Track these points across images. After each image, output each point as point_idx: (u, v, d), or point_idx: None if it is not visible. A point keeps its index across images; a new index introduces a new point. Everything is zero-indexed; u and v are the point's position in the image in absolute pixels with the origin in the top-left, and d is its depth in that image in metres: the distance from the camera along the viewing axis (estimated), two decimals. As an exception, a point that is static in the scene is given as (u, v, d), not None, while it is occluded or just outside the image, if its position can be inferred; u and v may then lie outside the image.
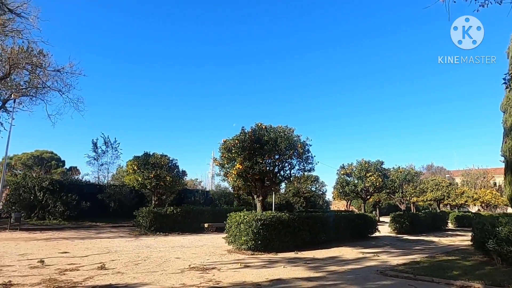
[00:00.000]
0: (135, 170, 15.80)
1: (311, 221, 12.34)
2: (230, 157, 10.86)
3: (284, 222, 11.19)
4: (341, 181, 16.52)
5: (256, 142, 10.64)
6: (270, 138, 10.56)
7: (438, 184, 23.99)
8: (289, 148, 10.56)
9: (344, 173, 16.91)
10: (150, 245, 11.85)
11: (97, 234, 15.16)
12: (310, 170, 11.39)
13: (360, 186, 15.96)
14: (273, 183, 11.38)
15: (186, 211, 17.31)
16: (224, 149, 11.07)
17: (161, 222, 16.20)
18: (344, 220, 14.27)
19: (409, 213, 19.97)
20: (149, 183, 15.64)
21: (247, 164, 10.29)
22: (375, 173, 15.90)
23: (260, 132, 10.81)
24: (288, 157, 10.56)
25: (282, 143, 10.40)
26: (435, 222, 22.57)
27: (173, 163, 16.89)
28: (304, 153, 11.04)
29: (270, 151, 10.33)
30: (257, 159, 10.40)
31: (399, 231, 18.97)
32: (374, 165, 16.35)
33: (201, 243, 12.95)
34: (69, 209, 19.40)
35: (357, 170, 16.23)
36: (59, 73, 16.24)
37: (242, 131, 10.78)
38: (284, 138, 10.46)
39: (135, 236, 14.78)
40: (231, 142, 10.90)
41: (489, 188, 44.50)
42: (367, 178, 15.90)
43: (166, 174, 15.74)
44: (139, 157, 16.36)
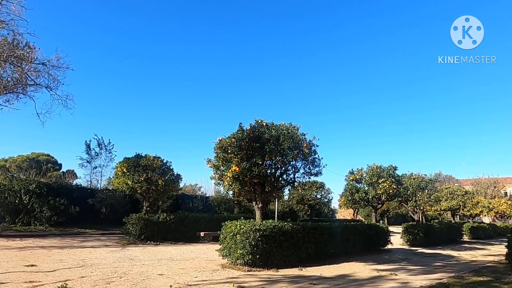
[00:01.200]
0: (124, 173, 14.48)
1: (317, 232, 10.93)
2: (226, 158, 9.50)
3: (287, 233, 9.80)
4: (350, 188, 15.04)
5: (255, 140, 9.28)
6: (272, 136, 9.20)
7: (453, 192, 22.41)
8: (293, 148, 9.19)
9: (353, 179, 15.45)
10: (135, 257, 10.47)
11: (81, 243, 13.80)
12: (317, 174, 9.99)
13: (371, 194, 14.48)
14: (274, 188, 9.98)
15: (180, 219, 15.93)
16: (219, 148, 9.72)
17: (152, 230, 14.83)
18: (354, 231, 12.81)
19: (423, 224, 18.43)
20: (139, 187, 14.29)
21: (245, 165, 8.92)
22: (388, 179, 14.43)
23: (260, 129, 9.46)
24: (291, 158, 9.16)
25: (285, 142, 9.03)
26: (450, 233, 20.99)
27: (166, 166, 15.55)
28: (310, 154, 9.65)
29: (271, 151, 8.96)
30: (256, 160, 9.04)
31: (413, 243, 17.44)
32: (386, 170, 14.89)
33: (193, 254, 11.54)
34: (56, 214, 18.07)
35: (368, 176, 14.76)
36: (45, 67, 15.04)
37: (240, 128, 9.44)
38: (288, 137, 9.09)
39: (122, 245, 13.40)
40: (227, 141, 9.56)
41: (502, 198, 42.61)
42: (379, 185, 14.43)
43: (158, 178, 14.38)
44: (129, 158, 15.05)
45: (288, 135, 9.16)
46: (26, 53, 15.69)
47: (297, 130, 9.53)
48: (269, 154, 8.91)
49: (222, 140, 9.83)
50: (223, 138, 9.84)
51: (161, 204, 22.70)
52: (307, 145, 9.35)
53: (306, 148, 9.33)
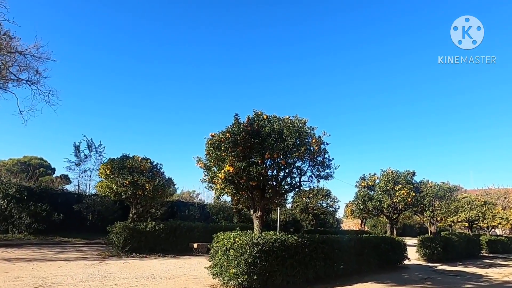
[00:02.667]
0: (108, 176, 12.89)
1: (326, 246, 9.24)
2: (219, 157, 7.91)
3: (291, 247, 8.13)
4: (362, 195, 13.33)
5: (253, 135, 7.70)
6: (273, 130, 7.62)
7: (471, 202, 20.62)
8: (299, 144, 7.58)
9: (365, 185, 13.77)
10: (110, 273, 8.81)
11: (56, 254, 12.17)
12: (328, 177, 8.34)
13: (387, 202, 12.78)
14: (276, 194, 8.35)
15: (171, 228, 14.27)
16: (211, 145, 8.13)
17: (138, 240, 13.17)
18: (368, 245, 11.11)
19: (441, 237, 16.66)
20: (124, 192, 12.67)
21: (240, 165, 7.32)
22: (406, 185, 12.76)
23: (259, 122, 7.87)
24: (297, 157, 7.52)
25: (290, 137, 7.43)
26: (469, 247, 19.15)
27: (156, 169, 13.95)
28: (319, 153, 8.03)
29: (272, 147, 7.36)
30: (255, 158, 7.44)
31: (430, 258, 15.65)
32: (403, 176, 13.22)
33: (181, 271, 9.86)
34: (37, 221, 16.48)
35: (383, 182, 13.07)
36: (25, 58, 13.63)
37: (235, 120, 7.86)
38: (293, 131, 7.49)
39: (102, 258, 11.74)
40: (220, 136, 7.98)
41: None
42: (395, 192, 12.75)
43: (145, 181, 12.76)
44: (114, 159, 13.49)
45: (293, 129, 7.56)
46: (6, 42, 14.31)
47: (304, 123, 7.93)
48: (270, 151, 7.30)
49: (215, 135, 8.24)
50: (216, 133, 8.26)
51: (154, 212, 21.11)
52: (316, 140, 7.73)
53: (315, 144, 7.71)
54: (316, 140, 7.69)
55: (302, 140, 7.59)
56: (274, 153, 7.28)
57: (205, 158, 8.61)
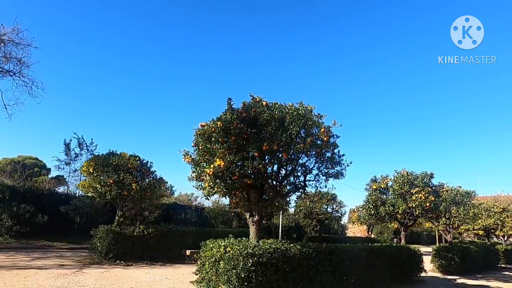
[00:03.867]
0: (91, 174, 11.64)
1: (335, 257, 7.90)
2: (209, 150, 6.63)
3: (293, 259, 6.81)
4: (373, 199, 11.94)
5: (249, 124, 6.41)
6: (273, 117, 6.33)
7: (488, 209, 19.13)
8: (304, 135, 6.27)
9: (376, 188, 12.39)
10: (83, 286, 7.53)
11: (31, 261, 10.89)
12: (338, 175, 7.02)
13: (402, 207, 11.39)
14: (276, 195, 7.04)
15: (161, 233, 12.96)
16: (201, 137, 6.86)
17: (124, 246, 11.87)
18: (382, 256, 9.73)
19: (458, 246, 15.20)
20: (108, 192, 11.39)
21: (233, 158, 6.03)
22: (424, 189, 11.39)
23: (257, 108, 6.58)
24: (302, 148, 6.19)
25: (293, 125, 6.14)
26: (487, 258, 17.64)
27: (146, 167, 12.66)
28: (328, 146, 6.72)
29: (272, 137, 6.06)
30: (251, 151, 6.14)
31: (446, 270, 14.20)
32: (421, 177, 11.84)
33: (166, 284, 8.54)
34: (19, 223, 15.24)
35: (398, 185, 11.68)
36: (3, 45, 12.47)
37: (228, 106, 6.59)
38: (297, 118, 6.20)
39: (81, 266, 10.45)
40: (211, 126, 6.71)
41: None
42: (412, 196, 11.38)
43: (131, 180, 11.47)
44: (98, 156, 12.25)
45: (297, 116, 6.26)
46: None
47: (310, 111, 6.63)
48: (269, 142, 6.00)
49: (205, 125, 6.97)
50: (207, 123, 7.00)
51: (147, 215, 19.81)
52: (325, 130, 6.42)
53: (324, 135, 6.39)
54: (325, 129, 6.37)
55: (308, 129, 6.29)
56: (274, 144, 5.97)
57: (193, 152, 7.35)
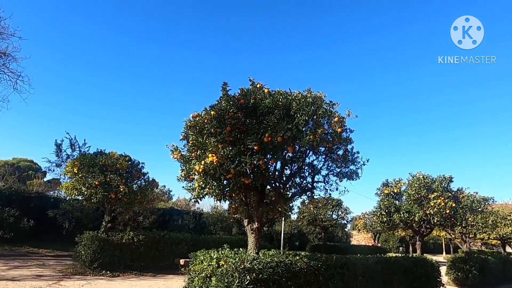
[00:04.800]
0: (75, 174, 10.61)
1: (347, 272, 6.81)
2: (201, 144, 5.59)
3: (300, 274, 5.74)
4: (386, 205, 10.80)
5: (248, 112, 5.39)
6: (276, 105, 5.29)
7: (504, 217, 17.93)
8: (313, 126, 5.22)
9: (388, 193, 11.27)
10: (52, 303, 6.47)
11: (8, 270, 9.80)
12: (352, 175, 5.95)
13: (419, 214, 10.26)
14: (280, 198, 5.97)
15: (153, 240, 11.86)
16: (192, 129, 5.83)
17: (111, 255, 10.79)
18: (398, 270, 8.61)
19: (476, 257, 14.01)
20: (94, 195, 10.34)
21: (227, 152, 4.98)
22: (443, 194, 10.29)
23: (257, 95, 5.54)
24: (312, 141, 5.11)
25: (301, 114, 5.09)
26: (505, 270, 16.40)
27: (136, 168, 11.60)
28: (341, 140, 5.65)
29: (276, 128, 5.01)
30: (249, 144, 5.09)
31: (463, 283, 12.99)
32: (439, 181, 10.73)
33: (151, 300, 7.47)
34: (2, 228, 14.21)
35: (413, 189, 10.55)
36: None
37: (224, 91, 5.56)
38: (305, 104, 5.15)
39: (61, 277, 9.37)
40: (204, 116, 5.69)
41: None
42: (430, 202, 10.27)
43: (119, 182, 10.41)
44: (84, 155, 11.23)
45: (305, 102, 5.22)
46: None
47: (321, 100, 5.57)
48: (271, 132, 4.95)
49: (197, 116, 5.94)
50: (199, 114, 5.97)
51: (141, 220, 18.74)
52: (339, 119, 5.35)
53: (338, 125, 5.32)
54: (339, 119, 5.30)
55: (318, 119, 5.23)
56: (278, 135, 4.91)
57: (183, 147, 6.31)
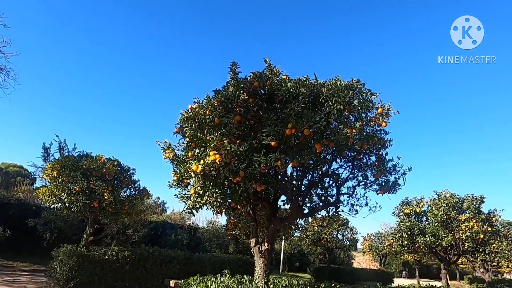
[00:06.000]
0: (55, 178, 9.29)
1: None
2: (200, 141, 4.36)
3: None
4: (408, 227, 9.42)
5: (263, 100, 4.16)
6: (298, 92, 4.07)
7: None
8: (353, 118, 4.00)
9: (409, 212, 9.93)
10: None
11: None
12: (392, 188, 4.70)
13: (448, 238, 8.88)
14: (298, 213, 4.68)
15: (140, 256, 10.41)
16: (188, 121, 4.60)
17: (91, 273, 9.33)
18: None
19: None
20: (74, 202, 8.99)
21: (235, 149, 3.72)
22: (475, 216, 8.99)
23: (272, 81, 4.33)
24: (348, 136, 3.84)
25: (334, 101, 3.86)
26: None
27: (126, 175, 10.27)
28: (381, 143, 4.43)
29: (300, 116, 3.77)
30: (264, 138, 3.84)
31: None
32: (468, 201, 9.42)
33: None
34: (-26, 238, 12.76)
35: (441, 209, 9.21)
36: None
37: (232, 73, 4.35)
38: (340, 89, 3.92)
39: (28, 298, 7.96)
40: (205, 106, 4.49)
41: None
42: (460, 225, 8.95)
43: (104, 189, 9.07)
44: (67, 157, 9.94)
45: (338, 89, 4.00)
46: None
47: (358, 86, 4.35)
48: (297, 123, 3.70)
49: (197, 107, 4.72)
50: (200, 102, 4.76)
51: (131, 234, 17.27)
52: (383, 110, 4.12)
53: (382, 118, 4.09)
54: (383, 109, 4.06)
55: (359, 110, 4.00)
56: (304, 126, 3.67)
57: (177, 146, 5.06)
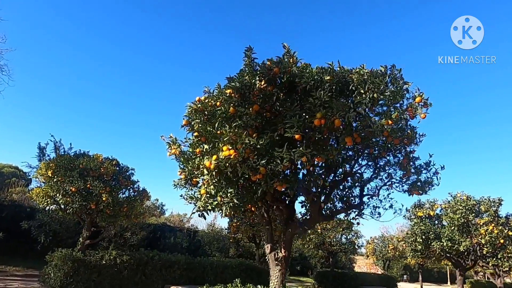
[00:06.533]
0: (50, 179, 8.77)
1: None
2: (210, 135, 3.87)
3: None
4: (423, 231, 8.94)
5: (284, 87, 3.67)
6: (323, 79, 3.56)
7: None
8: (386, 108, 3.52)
9: (422, 215, 9.43)
10: None
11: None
12: (426, 187, 4.23)
13: (465, 243, 8.41)
14: (320, 216, 4.18)
15: (139, 261, 9.85)
16: (197, 114, 4.11)
17: (87, 279, 8.78)
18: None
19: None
20: (70, 204, 8.46)
21: (255, 142, 3.21)
22: (494, 219, 8.53)
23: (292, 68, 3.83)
24: (382, 128, 3.34)
25: (366, 88, 3.37)
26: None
27: (124, 175, 9.75)
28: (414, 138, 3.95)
29: (330, 105, 3.27)
30: (287, 131, 3.34)
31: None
32: (486, 204, 8.96)
33: None
34: (-35, 241, 12.18)
35: (459, 213, 8.73)
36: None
37: (248, 59, 3.87)
38: (374, 75, 3.45)
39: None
40: (216, 96, 4.01)
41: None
42: (479, 229, 8.48)
43: (101, 190, 8.54)
44: (62, 156, 9.41)
45: (372, 75, 3.52)
46: None
47: (394, 68, 3.85)
48: (326, 112, 3.22)
49: (205, 98, 4.24)
50: (211, 92, 4.29)
51: (129, 237, 16.71)
52: (422, 99, 3.62)
53: (420, 109, 3.61)
54: (421, 98, 3.56)
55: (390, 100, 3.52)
56: (335, 116, 3.19)
57: (183, 142, 4.57)
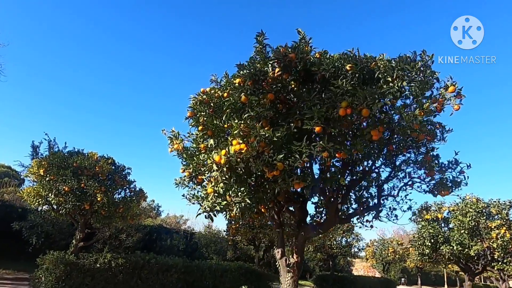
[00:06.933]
0: (42, 177, 8.33)
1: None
2: (218, 128, 3.49)
3: None
4: (432, 234, 8.60)
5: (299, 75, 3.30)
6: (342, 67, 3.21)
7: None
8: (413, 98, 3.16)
9: (430, 218, 9.10)
10: None
11: None
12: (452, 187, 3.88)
13: (476, 247, 8.08)
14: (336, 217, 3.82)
15: (135, 264, 9.43)
16: (203, 106, 3.73)
17: (80, 283, 8.34)
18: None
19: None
20: (62, 204, 8.02)
21: (270, 135, 2.84)
22: (507, 222, 8.21)
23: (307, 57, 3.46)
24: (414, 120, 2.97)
25: (395, 76, 3.00)
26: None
27: (121, 174, 9.33)
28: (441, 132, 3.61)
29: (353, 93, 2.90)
30: (306, 122, 2.96)
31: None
32: (498, 207, 8.65)
33: None
34: (-48, 242, 11.66)
35: (469, 216, 8.39)
36: None
37: (260, 44, 3.51)
38: (404, 62, 3.09)
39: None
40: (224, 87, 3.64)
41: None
42: (491, 232, 8.15)
43: (96, 190, 8.11)
44: (55, 154, 8.96)
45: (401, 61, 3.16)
46: None
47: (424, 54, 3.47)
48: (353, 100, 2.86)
49: (211, 89, 3.87)
50: (218, 82, 3.93)
51: (124, 239, 16.23)
52: (455, 89, 3.27)
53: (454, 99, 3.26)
54: (455, 88, 3.21)
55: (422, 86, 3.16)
56: (362, 105, 2.83)
57: (186, 136, 4.19)
